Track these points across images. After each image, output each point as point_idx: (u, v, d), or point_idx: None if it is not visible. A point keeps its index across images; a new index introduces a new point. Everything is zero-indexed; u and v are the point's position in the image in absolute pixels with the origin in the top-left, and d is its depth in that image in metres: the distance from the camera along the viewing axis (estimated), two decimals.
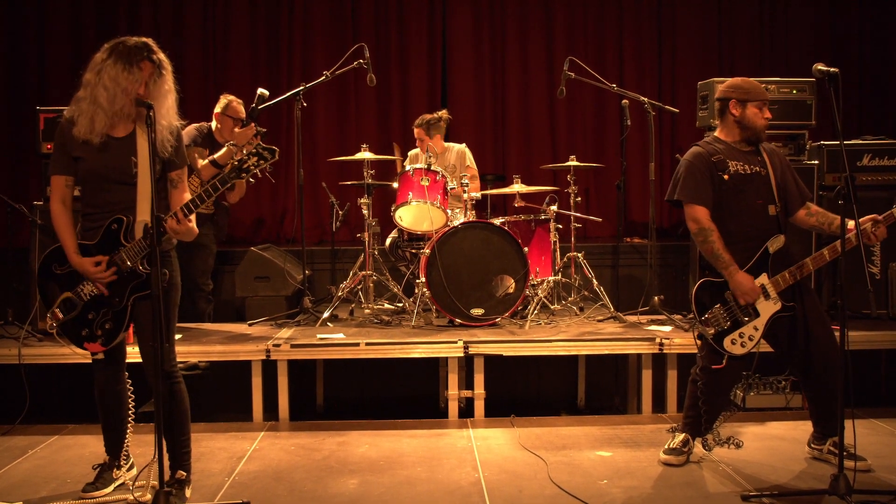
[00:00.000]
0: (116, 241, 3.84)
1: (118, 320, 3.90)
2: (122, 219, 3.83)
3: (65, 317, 3.91)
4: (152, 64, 3.80)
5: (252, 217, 8.97)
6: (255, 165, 3.81)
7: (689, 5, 9.22)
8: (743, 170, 4.38)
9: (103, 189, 3.85)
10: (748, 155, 4.44)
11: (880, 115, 9.19)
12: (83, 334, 3.91)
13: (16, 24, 8.70)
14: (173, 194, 3.99)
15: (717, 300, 4.35)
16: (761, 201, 4.38)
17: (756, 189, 4.38)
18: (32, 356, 5.49)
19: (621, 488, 4.17)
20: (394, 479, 4.35)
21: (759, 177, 4.39)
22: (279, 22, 9.06)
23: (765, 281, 4.32)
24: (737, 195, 4.36)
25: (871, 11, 9.25)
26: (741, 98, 4.41)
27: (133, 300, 3.89)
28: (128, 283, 3.87)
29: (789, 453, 4.69)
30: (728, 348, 4.34)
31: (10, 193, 7.09)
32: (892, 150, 6.48)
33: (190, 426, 4.09)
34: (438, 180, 6.31)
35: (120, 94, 3.75)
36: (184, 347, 5.60)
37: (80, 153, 3.82)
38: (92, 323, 3.90)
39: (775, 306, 4.33)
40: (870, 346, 5.81)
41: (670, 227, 9.05)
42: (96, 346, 3.92)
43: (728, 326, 4.33)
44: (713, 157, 4.39)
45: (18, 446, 4.98)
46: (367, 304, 6.52)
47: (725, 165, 4.37)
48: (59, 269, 3.92)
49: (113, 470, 4.17)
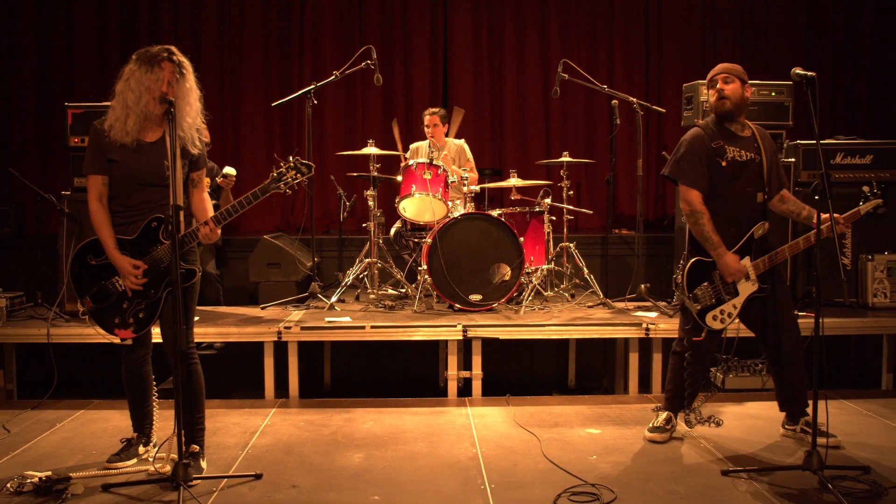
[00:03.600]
0: (155, 238, 3.88)
1: (151, 311, 3.93)
2: (161, 217, 3.84)
3: (96, 305, 3.93)
4: (172, 64, 3.80)
5: (265, 207, 8.95)
6: (293, 178, 3.91)
7: (675, 11, 9.19)
8: (740, 157, 4.34)
9: (136, 191, 3.88)
10: (746, 141, 4.39)
11: (851, 116, 9.19)
12: (115, 321, 3.94)
13: (44, 21, 8.66)
14: (194, 194, 4.03)
15: (705, 279, 4.37)
16: (751, 189, 4.36)
17: (748, 176, 4.35)
18: (60, 336, 5.49)
19: (609, 463, 4.18)
20: (397, 454, 4.36)
21: (752, 164, 4.36)
22: (290, 24, 9.01)
23: (748, 264, 4.34)
24: (730, 181, 4.34)
25: (844, 19, 9.24)
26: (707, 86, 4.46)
27: (167, 293, 3.91)
28: (164, 277, 3.89)
29: (766, 431, 4.69)
30: (709, 323, 4.37)
31: (39, 184, 7.09)
32: (862, 150, 6.48)
33: (204, 403, 4.12)
34: (440, 174, 6.31)
35: (144, 93, 3.76)
36: (201, 329, 5.61)
37: (115, 156, 3.84)
38: (125, 312, 3.93)
39: (753, 287, 4.36)
40: (841, 332, 5.83)
41: (656, 219, 9.04)
42: (128, 333, 3.95)
43: (712, 303, 4.36)
44: (713, 142, 4.34)
45: (47, 420, 4.99)
46: (372, 290, 6.52)
47: (724, 152, 4.32)
48: (95, 260, 3.94)
49: (139, 446, 4.20)
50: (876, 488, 3.76)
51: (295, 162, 3.91)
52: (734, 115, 4.37)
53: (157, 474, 3.92)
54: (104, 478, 3.94)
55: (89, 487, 3.84)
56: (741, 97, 4.36)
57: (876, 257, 6.15)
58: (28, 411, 5.20)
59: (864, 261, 6.19)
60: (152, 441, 4.28)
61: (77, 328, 5.52)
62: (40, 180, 8.01)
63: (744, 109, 4.40)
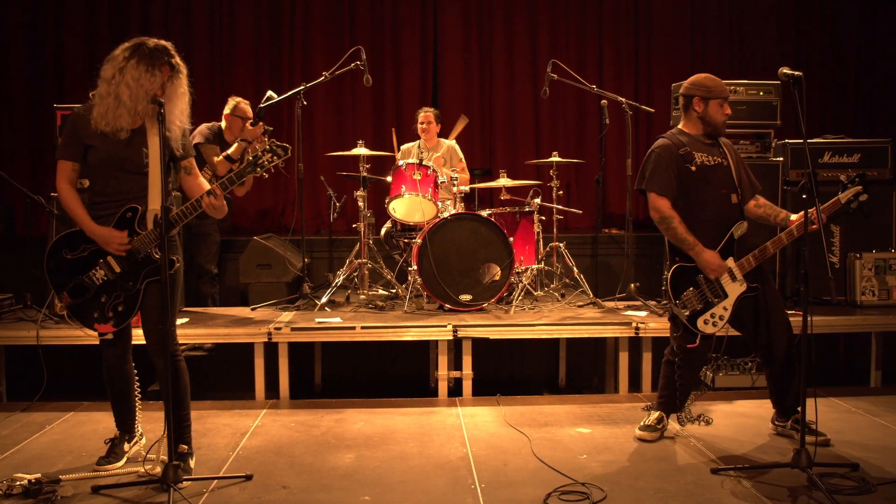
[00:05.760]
0: (131, 228, 3.84)
1: (130, 303, 3.91)
2: (136, 208, 3.83)
3: (74, 300, 3.90)
4: (171, 68, 3.81)
5: (255, 208, 8.94)
6: (269, 161, 3.86)
7: (664, 11, 9.22)
8: (708, 161, 4.39)
9: (115, 178, 3.84)
10: (710, 147, 4.45)
11: (839, 115, 9.23)
12: (95, 316, 3.91)
13: (35, 25, 8.63)
14: (188, 180, 4.00)
15: (689, 284, 4.37)
16: (725, 190, 4.40)
17: (720, 179, 4.40)
18: (49, 338, 5.47)
19: (599, 462, 4.18)
20: (387, 454, 4.35)
21: (721, 167, 4.41)
22: (281, 23, 9.01)
23: (731, 264, 4.35)
24: (704, 185, 4.37)
25: (831, 19, 9.28)
26: (704, 95, 4.43)
27: (145, 285, 3.89)
28: (142, 268, 3.88)
29: (755, 429, 4.70)
30: (701, 328, 4.37)
31: (29, 185, 7.05)
32: (850, 148, 6.51)
33: (190, 402, 4.11)
34: (430, 174, 6.31)
35: (143, 95, 3.76)
36: (191, 330, 5.61)
37: (93, 142, 3.81)
38: (104, 306, 3.90)
39: (741, 287, 4.36)
40: (830, 329, 5.84)
41: (645, 219, 8.99)
42: (107, 327, 3.92)
43: (700, 308, 4.36)
44: (680, 149, 4.39)
45: (36, 422, 4.97)
46: (362, 291, 6.51)
47: (692, 157, 4.38)
48: (70, 254, 3.90)
49: (124, 444, 4.19)
50: (864, 485, 3.77)
51: (271, 145, 3.87)
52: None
53: (148, 476, 3.91)
54: (94, 480, 3.91)
55: (79, 490, 3.82)
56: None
57: (864, 255, 6.17)
58: (17, 413, 5.17)
59: (852, 259, 6.20)
60: (136, 436, 4.27)
61: (66, 330, 5.49)
62: (30, 182, 7.97)
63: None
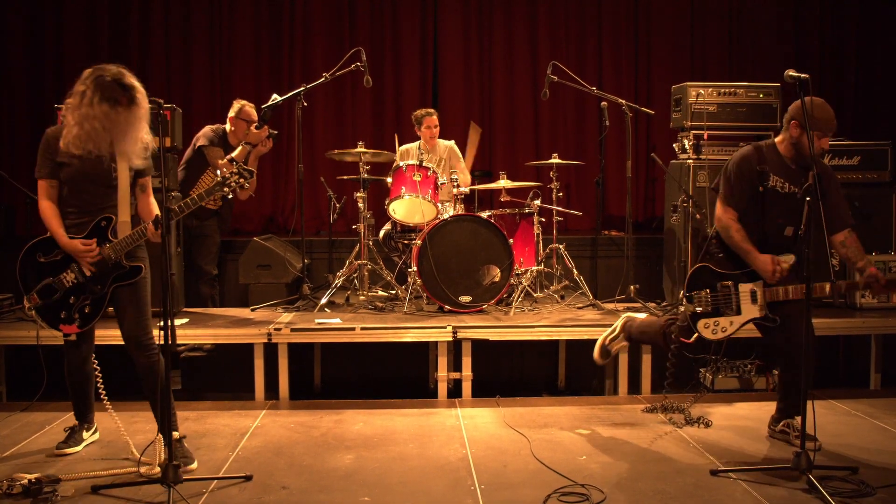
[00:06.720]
0: (104, 236, 4.08)
1: (97, 306, 4.15)
2: (110, 217, 4.09)
3: (43, 301, 4.12)
4: (127, 98, 3.93)
5: (255, 209, 8.93)
6: (235, 182, 4.08)
7: (664, 13, 9.22)
8: (781, 187, 4.33)
9: (86, 190, 4.09)
10: (794, 173, 4.34)
11: (839, 118, 9.15)
12: (61, 316, 4.14)
13: (35, 25, 8.63)
14: (141, 198, 4.25)
15: (707, 286, 4.38)
16: (781, 220, 4.34)
17: (781, 209, 4.33)
18: (49, 338, 5.39)
19: (599, 464, 4.18)
20: (387, 455, 4.35)
21: (791, 198, 4.31)
22: (281, 24, 9.01)
23: (759, 288, 4.32)
24: (763, 207, 4.34)
25: (831, 22, 9.28)
26: (803, 123, 4.15)
27: (112, 289, 4.13)
28: (110, 273, 4.12)
29: (755, 432, 4.70)
30: (700, 329, 4.38)
31: (29, 186, 7.01)
32: (850, 151, 6.51)
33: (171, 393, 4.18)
34: (430, 176, 6.31)
35: (102, 132, 3.94)
36: (191, 330, 5.62)
37: (64, 160, 4.03)
38: (72, 307, 4.12)
39: (758, 313, 4.33)
40: (831, 332, 5.84)
41: (645, 221, 9.06)
42: (72, 328, 4.15)
43: (709, 311, 4.36)
44: (759, 165, 4.34)
45: (36, 422, 4.97)
46: (362, 292, 6.51)
47: (766, 178, 4.33)
48: (44, 258, 4.15)
49: (83, 432, 4.46)
50: (864, 488, 3.77)
51: (239, 168, 4.08)
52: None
53: (147, 476, 3.91)
54: (93, 480, 3.91)
55: (79, 489, 3.82)
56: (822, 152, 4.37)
57: None
58: (17, 413, 5.17)
59: None
60: (92, 428, 4.53)
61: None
62: (30, 182, 7.88)
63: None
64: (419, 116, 7.22)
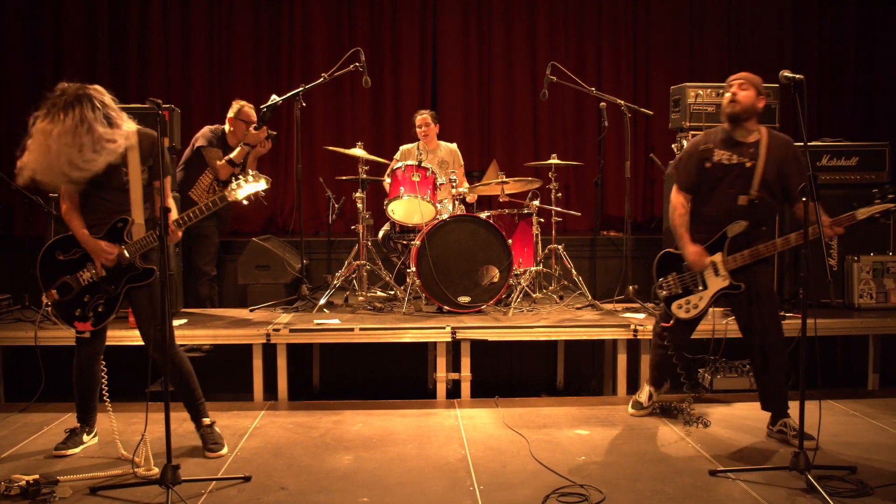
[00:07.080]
0: (120, 237, 4.13)
1: (110, 305, 4.21)
2: (127, 219, 4.12)
3: (60, 298, 4.18)
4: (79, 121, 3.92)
5: (254, 210, 8.91)
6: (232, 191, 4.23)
7: (663, 14, 9.23)
8: (727, 160, 4.46)
9: (99, 196, 4.13)
10: (745, 146, 4.47)
11: (837, 118, 9.23)
12: (76, 314, 4.20)
13: (34, 19, 8.62)
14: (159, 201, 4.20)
15: (673, 269, 4.64)
16: (732, 190, 4.46)
17: (731, 179, 4.46)
18: (47, 338, 5.45)
19: (598, 464, 4.19)
20: (386, 455, 4.35)
21: (739, 167, 4.45)
22: (280, 24, 9.01)
23: (718, 259, 4.49)
24: (713, 183, 4.50)
25: (829, 22, 9.29)
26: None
27: (126, 289, 4.19)
28: (124, 273, 4.18)
29: (754, 432, 4.71)
30: (674, 311, 4.63)
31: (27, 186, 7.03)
32: (848, 152, 6.51)
33: (197, 381, 4.35)
34: (428, 176, 6.31)
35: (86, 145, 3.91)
36: (190, 331, 5.61)
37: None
38: (86, 305, 4.18)
39: (723, 282, 4.51)
40: (828, 332, 5.84)
41: (644, 221, 9.06)
42: (87, 325, 4.20)
43: (679, 293, 4.61)
44: (704, 145, 4.53)
45: (35, 423, 4.96)
46: (360, 292, 6.51)
47: (710, 154, 4.50)
48: (63, 256, 4.21)
49: (83, 435, 4.46)
50: (862, 488, 3.77)
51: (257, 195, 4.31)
52: (741, 119, 4.45)
53: (145, 477, 3.92)
54: (92, 481, 3.91)
55: (77, 491, 3.82)
56: (752, 105, 4.44)
57: (862, 258, 6.17)
58: (15, 414, 5.16)
59: (850, 262, 6.21)
60: (94, 430, 4.52)
61: (64, 331, 5.45)
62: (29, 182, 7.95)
63: (752, 116, 4.46)
64: (413, 117, 7.25)
